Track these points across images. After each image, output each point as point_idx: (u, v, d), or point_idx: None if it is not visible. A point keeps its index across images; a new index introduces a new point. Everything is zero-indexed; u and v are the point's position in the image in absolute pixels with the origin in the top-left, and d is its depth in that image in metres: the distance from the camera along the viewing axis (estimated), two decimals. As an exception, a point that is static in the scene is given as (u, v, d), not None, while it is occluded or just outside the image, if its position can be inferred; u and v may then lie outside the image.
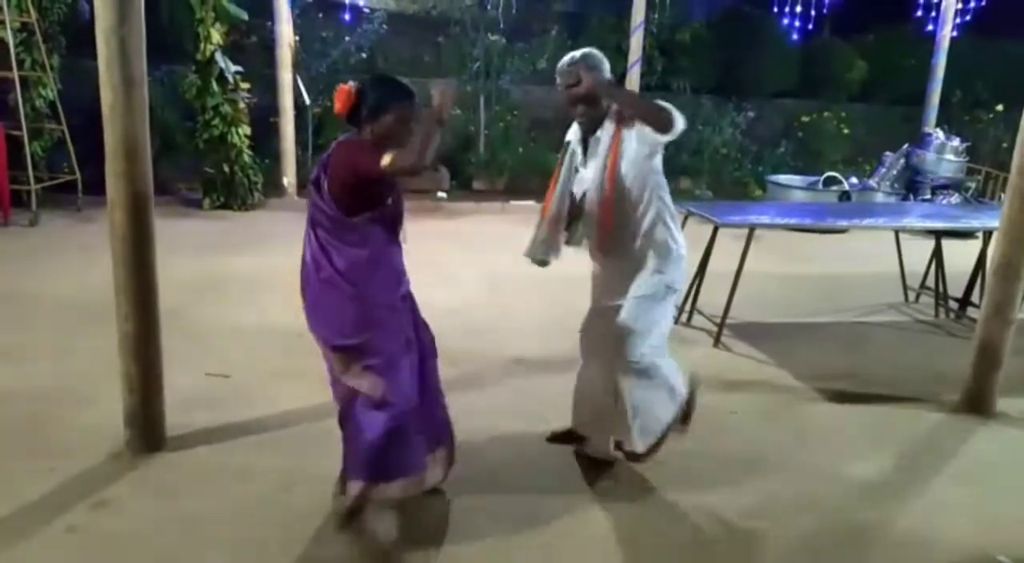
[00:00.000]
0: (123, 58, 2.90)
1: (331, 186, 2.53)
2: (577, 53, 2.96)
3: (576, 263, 3.21)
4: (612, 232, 2.95)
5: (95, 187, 4.52)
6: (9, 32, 6.96)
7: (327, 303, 2.58)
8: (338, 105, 2.56)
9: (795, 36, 10.36)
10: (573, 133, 3.10)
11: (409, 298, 2.77)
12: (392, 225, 2.66)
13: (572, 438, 3.35)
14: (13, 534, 2.68)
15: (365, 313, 2.56)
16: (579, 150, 3.05)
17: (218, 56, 7.75)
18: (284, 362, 4.15)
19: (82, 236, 6.81)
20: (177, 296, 4.69)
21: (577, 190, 3.07)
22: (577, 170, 3.07)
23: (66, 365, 4.08)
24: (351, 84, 2.58)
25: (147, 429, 3.25)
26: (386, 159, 2.41)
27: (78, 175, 7.70)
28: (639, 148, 2.86)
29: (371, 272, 2.57)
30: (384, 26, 10.09)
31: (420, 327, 2.81)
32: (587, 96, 2.89)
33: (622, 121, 2.90)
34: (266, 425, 3.46)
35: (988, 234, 5.17)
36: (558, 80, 2.96)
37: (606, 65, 2.95)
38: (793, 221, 5.93)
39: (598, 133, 2.96)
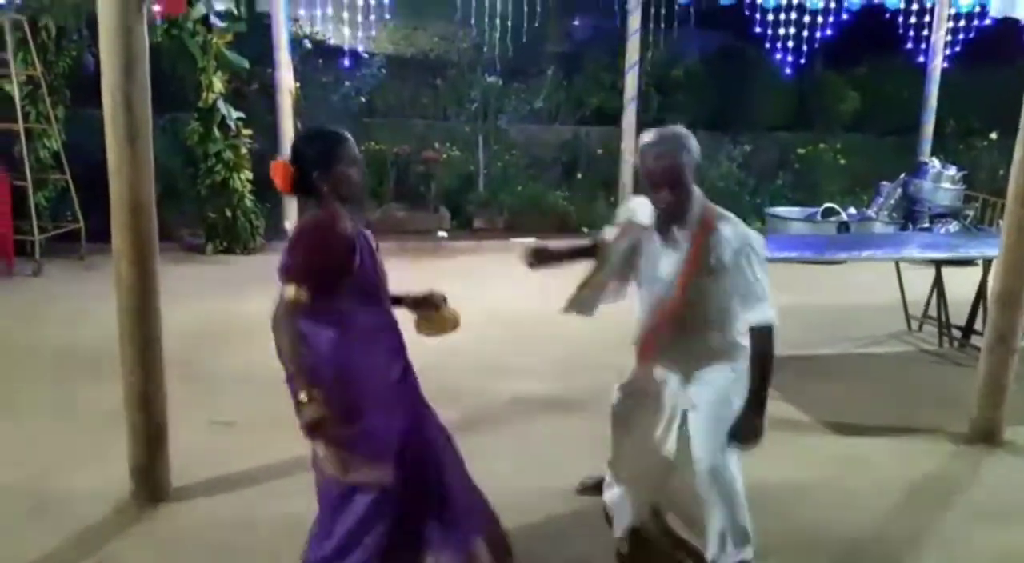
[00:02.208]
0: (128, 113, 2.95)
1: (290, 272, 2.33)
2: (669, 130, 2.62)
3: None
4: (672, 335, 2.71)
5: (99, 234, 4.57)
6: (15, 86, 7.08)
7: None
8: (279, 182, 2.41)
9: (788, 70, 10.50)
10: (645, 213, 2.73)
11: (411, 375, 2.55)
12: (372, 290, 2.45)
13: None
14: (18, 591, 2.67)
15: (357, 398, 2.41)
16: (656, 238, 2.70)
17: (220, 103, 7.87)
18: (288, 408, 4.07)
19: (85, 285, 6.83)
20: (181, 342, 4.67)
21: (645, 282, 2.78)
22: (644, 256, 2.76)
23: (70, 416, 4.08)
24: (279, 158, 2.46)
25: (152, 481, 3.25)
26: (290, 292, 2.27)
27: (82, 224, 7.76)
28: (717, 266, 2.54)
29: (358, 350, 2.41)
30: (383, 70, 10.25)
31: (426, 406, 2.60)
32: (673, 180, 2.54)
33: (708, 225, 2.57)
34: (270, 473, 3.45)
35: (988, 262, 5.18)
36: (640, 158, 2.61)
37: (692, 142, 2.60)
38: (794, 254, 5.94)
39: (675, 232, 2.63)
